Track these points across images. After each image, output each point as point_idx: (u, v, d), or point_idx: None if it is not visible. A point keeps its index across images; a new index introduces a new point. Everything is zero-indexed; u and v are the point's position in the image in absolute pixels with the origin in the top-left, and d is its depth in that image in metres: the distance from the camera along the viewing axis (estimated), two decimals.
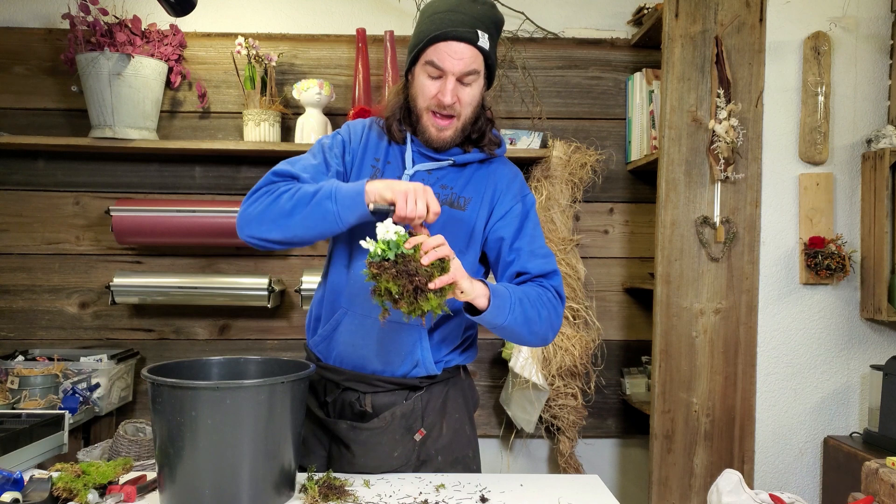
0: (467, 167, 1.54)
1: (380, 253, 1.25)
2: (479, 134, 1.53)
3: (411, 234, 1.30)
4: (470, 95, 1.46)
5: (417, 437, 1.52)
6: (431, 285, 1.24)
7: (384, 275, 1.24)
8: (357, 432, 1.49)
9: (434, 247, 1.27)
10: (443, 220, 1.46)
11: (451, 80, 1.42)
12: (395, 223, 1.30)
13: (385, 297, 1.26)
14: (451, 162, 1.51)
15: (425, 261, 1.25)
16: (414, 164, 1.51)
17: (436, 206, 1.34)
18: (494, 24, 1.46)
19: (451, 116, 1.46)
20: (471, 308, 1.37)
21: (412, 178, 1.50)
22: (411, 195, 1.32)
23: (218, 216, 2.57)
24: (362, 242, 1.28)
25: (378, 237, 1.27)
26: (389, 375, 1.51)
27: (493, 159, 1.58)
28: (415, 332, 1.49)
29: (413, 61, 1.47)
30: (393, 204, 1.33)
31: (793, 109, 2.72)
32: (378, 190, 1.35)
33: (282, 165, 1.47)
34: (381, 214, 1.34)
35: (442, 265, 1.27)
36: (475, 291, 1.33)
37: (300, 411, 1.33)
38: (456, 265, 1.30)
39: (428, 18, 1.44)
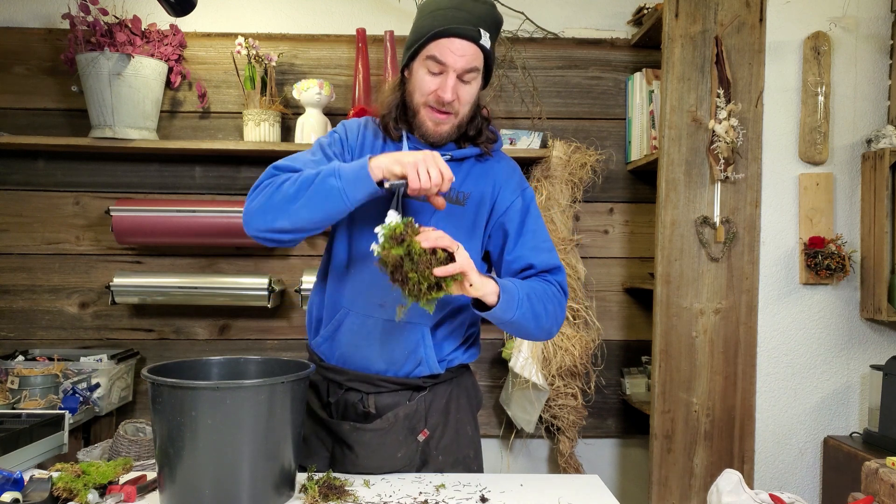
0: (465, 162, 1.54)
1: (385, 250, 1.25)
2: (475, 131, 1.53)
3: (408, 226, 1.27)
4: (469, 94, 1.46)
5: (421, 437, 1.52)
6: (437, 271, 1.23)
7: (397, 271, 1.25)
8: (360, 433, 1.48)
9: (435, 237, 1.26)
10: (442, 216, 1.46)
11: (451, 77, 1.41)
12: (410, 196, 1.27)
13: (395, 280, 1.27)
14: (448, 157, 1.51)
15: (426, 244, 1.23)
16: None
17: (448, 173, 1.33)
18: (495, 25, 1.46)
19: (448, 113, 1.45)
20: (479, 304, 1.37)
21: None
22: (422, 165, 1.30)
23: (218, 216, 2.57)
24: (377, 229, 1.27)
25: (385, 234, 1.26)
26: (393, 375, 1.51)
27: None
28: (418, 330, 1.49)
29: (412, 56, 1.46)
30: (405, 177, 1.31)
31: (793, 109, 2.72)
32: (385, 165, 1.32)
33: (282, 161, 1.47)
34: (394, 190, 1.31)
35: (448, 255, 1.26)
36: (485, 288, 1.33)
37: (300, 411, 1.33)
38: (463, 256, 1.29)
39: (430, 14, 1.43)
